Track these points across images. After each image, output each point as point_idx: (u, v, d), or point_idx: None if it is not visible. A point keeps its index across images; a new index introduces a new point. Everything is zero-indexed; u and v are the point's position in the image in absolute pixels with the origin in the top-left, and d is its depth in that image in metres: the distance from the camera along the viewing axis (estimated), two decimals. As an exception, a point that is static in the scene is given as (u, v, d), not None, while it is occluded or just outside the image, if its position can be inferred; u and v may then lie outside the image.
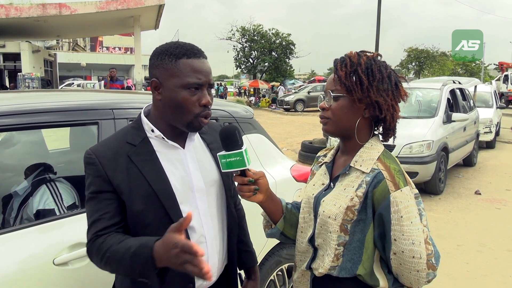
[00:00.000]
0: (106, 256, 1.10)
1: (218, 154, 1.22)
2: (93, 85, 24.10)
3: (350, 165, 1.25)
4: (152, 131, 1.23)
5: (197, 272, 0.93)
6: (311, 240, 1.30)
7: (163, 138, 1.23)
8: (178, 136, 1.27)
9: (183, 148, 1.27)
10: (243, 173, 1.22)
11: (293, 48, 32.67)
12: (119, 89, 10.49)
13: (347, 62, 1.24)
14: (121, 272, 1.15)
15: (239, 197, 1.31)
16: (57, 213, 1.93)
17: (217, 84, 35.16)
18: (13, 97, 2.07)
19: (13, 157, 2.84)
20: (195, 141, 1.32)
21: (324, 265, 1.24)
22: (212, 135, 1.37)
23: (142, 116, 1.26)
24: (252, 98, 29.41)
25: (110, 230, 1.16)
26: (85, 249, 1.57)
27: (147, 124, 1.24)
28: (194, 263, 0.93)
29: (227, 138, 1.20)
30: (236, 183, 1.25)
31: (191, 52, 1.20)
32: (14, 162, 2.79)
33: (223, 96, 32.27)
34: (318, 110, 1.31)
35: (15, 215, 2.02)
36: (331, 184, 1.29)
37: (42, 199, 1.99)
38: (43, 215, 1.90)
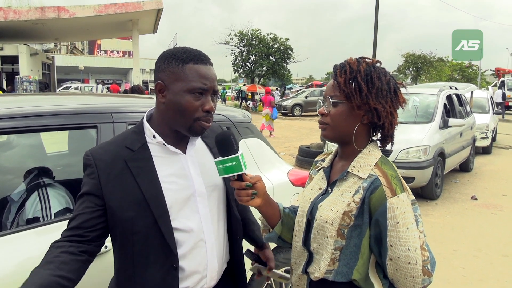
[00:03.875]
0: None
1: (214, 160, 1.23)
2: (91, 89, 24.09)
3: (348, 170, 1.26)
4: (154, 137, 1.23)
5: None
6: (306, 244, 1.31)
7: (164, 145, 1.23)
8: (180, 141, 1.27)
9: (184, 153, 1.28)
10: (240, 178, 1.22)
11: (291, 52, 32.72)
12: None
13: (346, 69, 1.24)
14: None
15: None
16: (42, 221, 1.92)
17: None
18: (11, 100, 2.07)
19: (11, 160, 2.84)
20: (197, 145, 1.33)
21: (320, 269, 1.24)
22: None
23: (144, 121, 1.27)
24: (250, 103, 29.41)
25: (77, 232, 1.16)
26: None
27: (148, 130, 1.24)
28: None
29: (222, 144, 1.21)
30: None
31: (198, 58, 1.21)
32: (11, 165, 2.79)
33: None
34: (316, 115, 1.32)
35: (12, 218, 2.02)
36: (329, 189, 1.30)
37: (33, 207, 1.97)
38: (32, 223, 1.88)
